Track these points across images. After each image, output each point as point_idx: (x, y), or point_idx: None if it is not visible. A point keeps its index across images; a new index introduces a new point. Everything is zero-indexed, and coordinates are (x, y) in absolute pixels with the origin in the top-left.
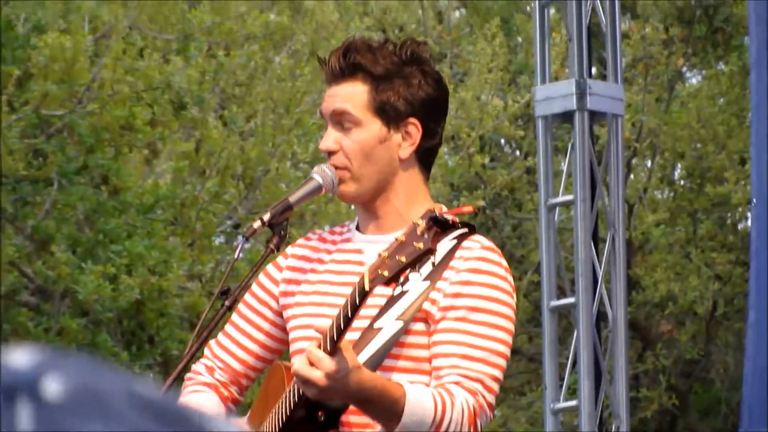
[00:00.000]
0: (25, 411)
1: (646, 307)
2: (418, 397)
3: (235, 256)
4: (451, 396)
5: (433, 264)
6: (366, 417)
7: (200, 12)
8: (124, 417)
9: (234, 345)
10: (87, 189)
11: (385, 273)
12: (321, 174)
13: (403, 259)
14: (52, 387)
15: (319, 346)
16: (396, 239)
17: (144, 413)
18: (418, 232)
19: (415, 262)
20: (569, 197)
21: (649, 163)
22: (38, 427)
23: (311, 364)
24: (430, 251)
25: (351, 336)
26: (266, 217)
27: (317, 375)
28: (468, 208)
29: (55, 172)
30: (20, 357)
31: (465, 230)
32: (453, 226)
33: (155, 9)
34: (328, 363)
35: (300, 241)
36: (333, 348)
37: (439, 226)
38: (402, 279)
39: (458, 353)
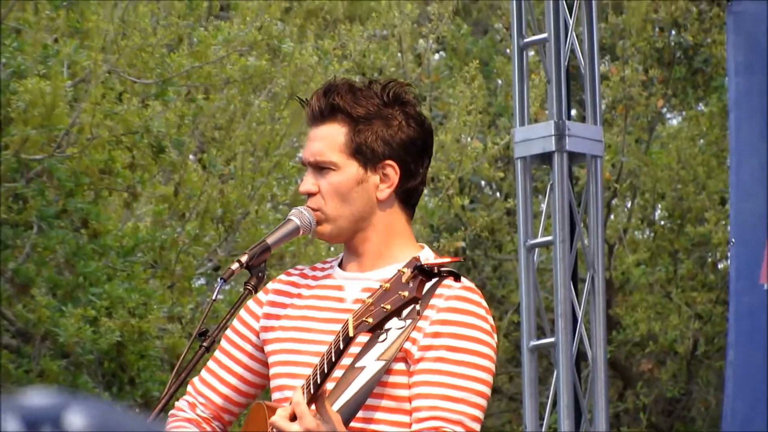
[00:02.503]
0: None
1: (627, 346)
2: None
3: (213, 297)
4: None
5: (417, 310)
6: None
7: (179, 56)
8: None
9: (215, 380)
10: (67, 232)
11: (370, 320)
12: (298, 216)
13: (388, 306)
14: (75, 420)
15: (301, 391)
16: (381, 286)
17: None
18: (403, 281)
19: (400, 310)
20: (548, 238)
21: (629, 204)
22: None
23: (294, 416)
24: (415, 299)
25: (335, 373)
26: (244, 258)
27: (294, 430)
28: (453, 259)
29: (35, 216)
30: (41, 395)
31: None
32: (438, 274)
33: (134, 54)
34: (310, 422)
35: (281, 276)
36: (316, 392)
37: (424, 275)
38: (387, 327)
39: (437, 394)
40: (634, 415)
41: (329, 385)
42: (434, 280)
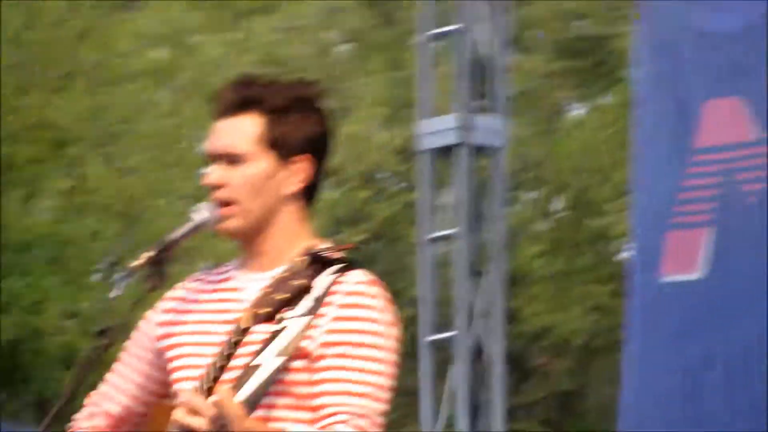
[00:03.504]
0: None
1: (523, 339)
2: None
3: (113, 294)
4: None
5: (314, 299)
6: None
7: (85, 49)
8: None
9: (113, 390)
10: None
11: (264, 310)
12: (202, 212)
13: (283, 296)
14: None
15: (199, 388)
16: (275, 277)
17: None
18: (297, 270)
19: (294, 299)
20: (449, 231)
21: (531, 195)
22: None
23: (192, 411)
24: (307, 288)
25: (232, 374)
26: (148, 254)
27: (199, 423)
28: (348, 246)
29: None
30: None
31: (344, 265)
32: (333, 263)
33: (41, 46)
34: (209, 410)
35: (178, 284)
36: (213, 387)
37: (318, 263)
38: (281, 316)
39: (343, 390)
40: (530, 408)
41: (228, 386)
42: (332, 275)
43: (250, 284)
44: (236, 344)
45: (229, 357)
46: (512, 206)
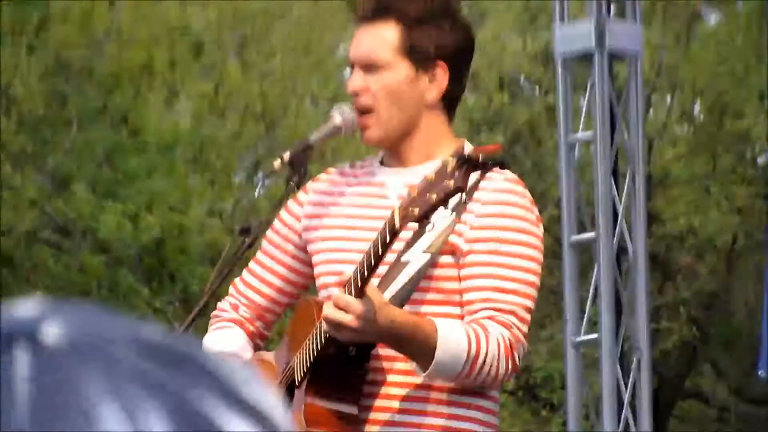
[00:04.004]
0: (24, 356)
1: (666, 239)
2: (450, 334)
3: (256, 193)
4: (485, 331)
5: (461, 197)
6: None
7: None
8: (126, 360)
9: (257, 281)
10: (106, 129)
11: (416, 211)
12: (341, 114)
13: (434, 197)
14: (52, 332)
15: (347, 286)
16: (426, 177)
17: (147, 356)
18: (449, 170)
19: (446, 200)
20: (589, 134)
21: (668, 99)
22: (37, 372)
23: (341, 307)
24: (461, 189)
25: (380, 270)
26: (287, 155)
27: (348, 318)
28: (495, 147)
29: (75, 113)
30: (23, 306)
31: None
32: (483, 164)
33: None
34: (357, 305)
35: (320, 176)
36: (363, 285)
37: (469, 164)
38: (431, 218)
39: (490, 286)
40: (674, 308)
41: (374, 282)
42: (478, 173)
43: (392, 179)
44: (388, 244)
45: (379, 256)
46: (648, 110)
